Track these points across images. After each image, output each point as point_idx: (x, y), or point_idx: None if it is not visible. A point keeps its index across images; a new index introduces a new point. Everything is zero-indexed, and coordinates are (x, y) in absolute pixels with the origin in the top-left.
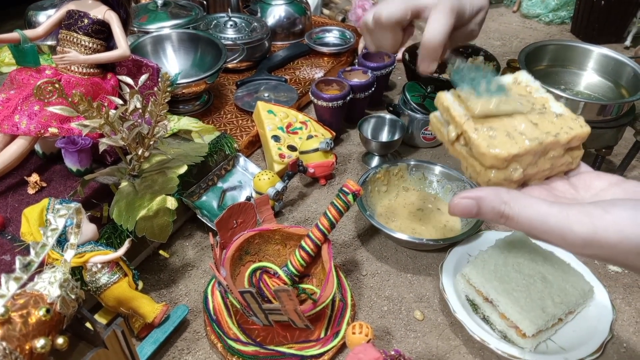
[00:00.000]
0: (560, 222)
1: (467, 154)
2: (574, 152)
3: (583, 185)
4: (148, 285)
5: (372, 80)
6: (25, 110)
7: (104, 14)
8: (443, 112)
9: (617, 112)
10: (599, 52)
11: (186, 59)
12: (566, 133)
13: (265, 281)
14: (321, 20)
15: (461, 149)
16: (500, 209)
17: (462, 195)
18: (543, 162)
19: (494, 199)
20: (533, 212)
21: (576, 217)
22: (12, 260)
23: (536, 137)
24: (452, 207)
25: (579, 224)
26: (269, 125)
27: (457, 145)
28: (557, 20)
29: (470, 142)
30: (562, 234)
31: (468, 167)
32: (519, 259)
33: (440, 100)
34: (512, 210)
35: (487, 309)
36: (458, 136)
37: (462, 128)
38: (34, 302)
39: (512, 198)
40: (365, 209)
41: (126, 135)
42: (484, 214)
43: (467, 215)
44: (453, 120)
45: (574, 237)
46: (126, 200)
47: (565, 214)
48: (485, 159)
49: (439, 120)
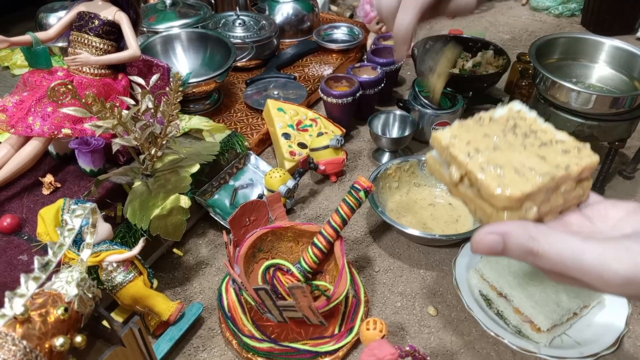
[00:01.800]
0: (596, 259)
1: (474, 196)
2: (584, 183)
3: (598, 216)
4: (163, 283)
5: (382, 76)
6: (38, 112)
7: (114, 15)
8: (441, 152)
9: (630, 104)
10: (610, 44)
11: (196, 58)
12: (576, 165)
13: (278, 278)
14: (329, 16)
15: (466, 190)
16: (528, 246)
17: (487, 230)
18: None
19: (522, 234)
20: (565, 249)
21: (613, 253)
22: (29, 260)
23: (547, 171)
24: (475, 244)
25: (618, 261)
26: (279, 123)
27: (461, 187)
28: (566, 13)
29: (477, 183)
30: (600, 273)
31: (477, 209)
32: None
33: (437, 140)
34: (541, 247)
35: (501, 303)
36: (462, 177)
37: (466, 168)
38: (53, 302)
39: (540, 233)
40: (376, 205)
41: (139, 135)
42: (511, 251)
43: (493, 253)
44: (455, 161)
45: (613, 276)
46: (140, 199)
47: (601, 250)
48: (497, 201)
49: (437, 161)
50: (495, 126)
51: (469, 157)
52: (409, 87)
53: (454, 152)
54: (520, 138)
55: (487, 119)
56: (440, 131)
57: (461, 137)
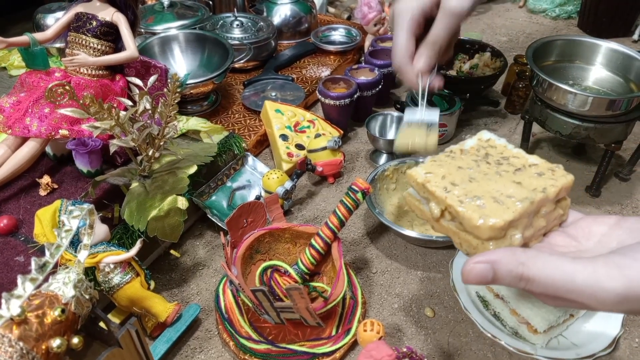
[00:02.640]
0: (588, 279)
1: (457, 229)
2: (562, 203)
3: (582, 234)
4: (160, 284)
5: (379, 78)
6: (36, 113)
7: (112, 16)
8: (418, 189)
9: (627, 106)
10: (607, 47)
11: (193, 59)
12: (552, 186)
13: (276, 279)
14: (327, 18)
15: (448, 224)
16: (518, 272)
17: (475, 260)
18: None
19: (510, 261)
20: (556, 272)
21: (605, 271)
22: (26, 261)
23: (525, 196)
24: (465, 274)
25: (610, 279)
26: (276, 125)
27: (443, 221)
28: (563, 15)
29: (458, 216)
30: (594, 293)
31: (462, 242)
32: None
33: (413, 178)
34: (532, 271)
35: (498, 305)
36: (442, 212)
37: (446, 203)
38: (49, 303)
39: (529, 258)
40: (374, 206)
41: (136, 137)
42: (501, 279)
43: (483, 282)
44: (433, 197)
45: (606, 295)
46: (137, 200)
47: (591, 269)
48: (480, 232)
49: (415, 198)
50: (468, 157)
51: (446, 192)
52: (407, 89)
53: (431, 188)
54: (494, 167)
55: (458, 151)
56: (414, 169)
57: (435, 172)
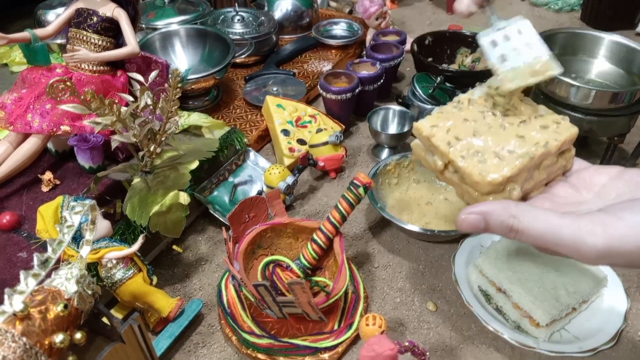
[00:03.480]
0: (572, 234)
1: (460, 181)
2: (566, 154)
3: (583, 184)
4: (162, 280)
5: (381, 72)
6: (37, 109)
7: (112, 11)
8: (425, 143)
9: (630, 99)
10: (610, 40)
11: (194, 54)
12: (555, 140)
13: (278, 274)
14: (328, 12)
15: (452, 176)
16: (509, 223)
17: (469, 210)
18: (538, 174)
19: (502, 213)
20: (544, 225)
21: (589, 228)
22: (29, 257)
23: (526, 152)
24: (459, 223)
25: (593, 235)
26: (278, 120)
27: (446, 173)
28: (566, 8)
29: (460, 171)
30: (576, 247)
31: (463, 194)
32: (532, 249)
33: (419, 131)
34: (522, 224)
35: (500, 299)
36: (446, 165)
37: (449, 157)
38: (52, 298)
39: (520, 211)
40: (376, 201)
41: (138, 132)
42: (493, 229)
43: (475, 230)
44: (437, 150)
45: (588, 249)
46: (139, 196)
47: (576, 225)
48: (480, 187)
49: (422, 148)
50: (475, 108)
51: (449, 146)
52: (408, 83)
53: (436, 143)
54: (499, 119)
55: (466, 101)
56: (420, 121)
57: (441, 125)
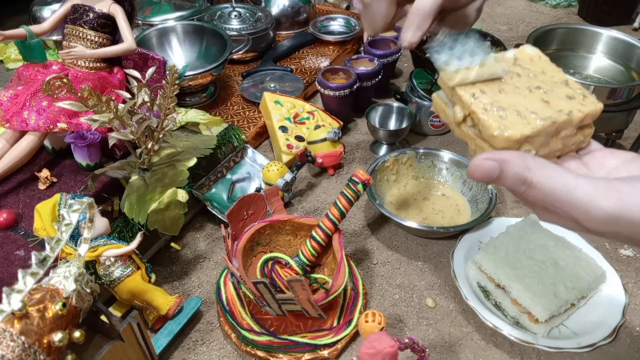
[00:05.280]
0: (586, 194)
1: (475, 136)
2: (585, 130)
3: (595, 163)
4: (161, 277)
5: (379, 68)
6: (33, 106)
7: (108, 7)
8: (448, 93)
9: (628, 95)
10: (607, 35)
11: (191, 50)
12: (579, 111)
13: (277, 271)
14: (325, 8)
15: (468, 130)
16: (523, 175)
17: (485, 156)
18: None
19: (519, 164)
20: (559, 182)
21: (603, 191)
22: (26, 255)
23: (549, 115)
24: (472, 168)
25: (605, 199)
26: (276, 116)
27: (463, 126)
28: (563, 3)
29: (479, 123)
30: (587, 208)
31: (477, 149)
32: (531, 245)
33: (444, 81)
34: (536, 177)
35: (499, 295)
36: (465, 117)
37: (470, 109)
38: (50, 297)
39: (537, 165)
40: (374, 198)
41: (135, 129)
42: (505, 179)
43: (487, 178)
44: (460, 101)
45: (599, 212)
46: (137, 193)
47: (592, 186)
48: (496, 141)
49: (443, 100)
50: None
51: (474, 98)
52: (406, 79)
53: (460, 92)
54: (527, 81)
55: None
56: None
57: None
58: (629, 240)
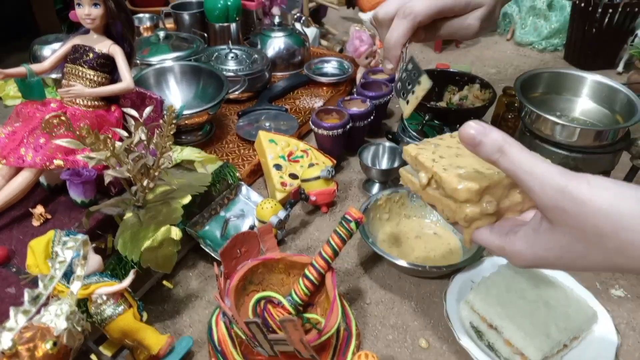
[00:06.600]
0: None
1: (441, 196)
2: None
3: None
4: (152, 316)
5: (371, 109)
6: (31, 143)
7: (108, 48)
8: (412, 162)
9: (613, 137)
10: (592, 79)
11: (188, 90)
12: None
13: (269, 311)
14: (319, 51)
15: (434, 192)
16: (501, 144)
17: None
18: (514, 195)
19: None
20: (526, 157)
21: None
22: (17, 292)
23: None
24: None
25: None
26: (270, 154)
27: (429, 189)
28: (550, 48)
29: (441, 182)
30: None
31: (444, 209)
32: (522, 285)
33: (407, 152)
34: (510, 149)
35: (492, 335)
36: (429, 180)
37: (432, 171)
38: (41, 335)
39: (514, 141)
40: (367, 236)
41: (131, 167)
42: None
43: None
44: (422, 167)
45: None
46: (131, 231)
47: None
48: (459, 194)
49: (409, 172)
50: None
51: (434, 162)
52: (398, 120)
53: (421, 159)
54: None
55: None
56: (410, 145)
57: (427, 148)
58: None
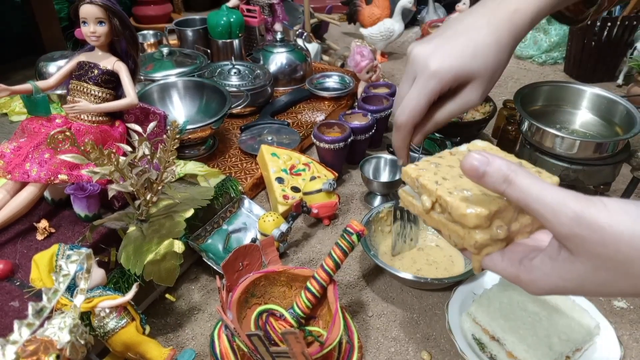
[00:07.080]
0: (558, 196)
1: (447, 220)
2: None
3: None
4: (155, 329)
5: (372, 123)
6: (36, 158)
7: (113, 64)
8: (412, 183)
9: (613, 149)
10: (592, 92)
11: (192, 105)
12: None
13: (271, 324)
14: (321, 66)
15: (438, 216)
16: (507, 173)
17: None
18: (524, 217)
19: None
20: (534, 184)
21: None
22: (21, 306)
23: None
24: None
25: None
26: (272, 168)
27: (433, 214)
28: (550, 61)
29: (447, 206)
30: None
31: (451, 234)
32: (524, 297)
33: (407, 174)
34: (517, 178)
35: (494, 347)
36: (433, 204)
37: (436, 194)
38: (44, 348)
39: (519, 169)
40: (369, 248)
41: (135, 182)
42: (490, 175)
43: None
44: (425, 189)
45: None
46: (134, 244)
47: (564, 192)
48: (467, 220)
49: (410, 194)
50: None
51: (437, 184)
52: None
53: (423, 182)
54: None
55: (448, 154)
56: (408, 166)
57: (428, 168)
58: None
